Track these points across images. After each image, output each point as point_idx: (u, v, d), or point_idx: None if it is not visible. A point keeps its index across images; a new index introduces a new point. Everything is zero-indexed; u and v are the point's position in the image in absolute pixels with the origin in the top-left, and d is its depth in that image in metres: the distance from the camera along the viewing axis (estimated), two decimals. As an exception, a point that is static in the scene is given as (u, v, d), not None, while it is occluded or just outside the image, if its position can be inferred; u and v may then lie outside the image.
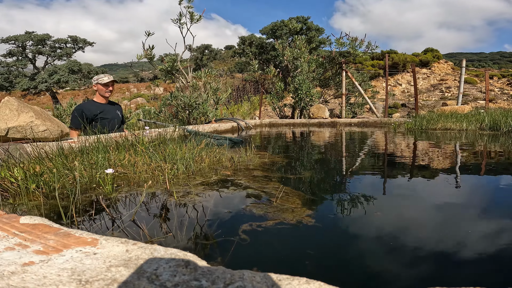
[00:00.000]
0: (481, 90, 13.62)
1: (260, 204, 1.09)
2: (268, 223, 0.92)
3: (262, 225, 0.91)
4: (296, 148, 2.99)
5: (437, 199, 1.21)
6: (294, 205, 1.07)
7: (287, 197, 1.17)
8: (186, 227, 0.90)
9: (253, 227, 0.89)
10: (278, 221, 0.92)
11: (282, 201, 1.11)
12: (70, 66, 24.61)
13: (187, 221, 0.95)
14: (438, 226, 0.93)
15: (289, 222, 0.92)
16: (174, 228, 0.89)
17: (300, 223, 0.91)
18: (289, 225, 0.90)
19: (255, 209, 1.04)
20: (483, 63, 58.96)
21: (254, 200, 1.15)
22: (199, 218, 0.98)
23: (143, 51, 6.27)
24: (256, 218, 0.96)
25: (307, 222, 0.92)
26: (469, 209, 1.10)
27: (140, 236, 0.83)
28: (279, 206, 1.06)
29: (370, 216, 1.00)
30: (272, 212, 1.01)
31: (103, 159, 1.56)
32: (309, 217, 0.96)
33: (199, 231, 0.88)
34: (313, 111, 7.45)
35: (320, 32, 24.12)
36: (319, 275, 0.52)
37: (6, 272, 0.47)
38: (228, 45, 47.86)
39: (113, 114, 3.14)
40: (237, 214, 1.01)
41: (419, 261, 0.71)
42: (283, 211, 1.01)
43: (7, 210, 0.95)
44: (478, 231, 0.89)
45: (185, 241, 0.81)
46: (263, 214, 0.99)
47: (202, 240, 0.82)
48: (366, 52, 7.68)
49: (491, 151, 2.50)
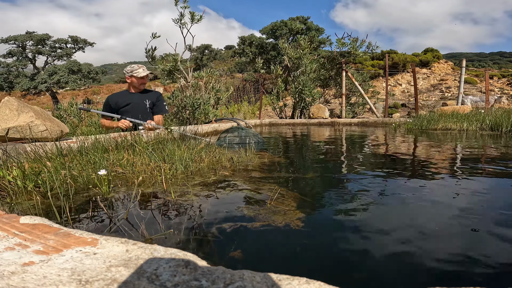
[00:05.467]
0: (481, 90, 13.62)
1: (253, 206, 1.08)
2: (255, 225, 0.90)
3: (248, 226, 0.89)
4: (296, 148, 2.99)
5: (440, 204, 1.21)
6: (288, 207, 1.06)
7: (282, 199, 1.15)
8: (178, 227, 0.91)
9: (237, 229, 0.88)
10: (266, 223, 0.91)
11: (277, 203, 1.10)
12: (70, 66, 24.62)
13: (182, 221, 0.95)
14: (438, 232, 0.93)
15: (277, 225, 0.90)
16: (166, 228, 0.89)
17: (287, 227, 0.89)
18: (275, 228, 0.88)
19: (246, 211, 1.02)
20: (483, 63, 58.94)
21: (248, 202, 1.13)
22: (191, 218, 0.98)
23: (146, 52, 6.28)
24: (245, 220, 0.95)
25: (295, 226, 0.90)
26: (475, 212, 1.10)
27: (139, 235, 0.83)
28: (272, 208, 1.04)
29: (365, 223, 0.95)
30: (263, 214, 0.99)
31: (102, 159, 1.56)
32: (299, 220, 0.94)
33: (184, 231, 0.88)
34: (313, 111, 7.46)
35: (320, 32, 24.16)
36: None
37: (6, 272, 0.47)
38: (228, 45, 47.84)
39: (137, 105, 3.05)
40: (227, 215, 1.00)
41: (414, 274, 0.71)
42: (275, 214, 0.99)
43: (6, 210, 0.95)
44: (479, 232, 0.89)
45: (175, 240, 0.81)
46: (254, 216, 0.97)
47: (180, 239, 0.82)
48: (367, 52, 7.69)
49: (495, 151, 2.50)
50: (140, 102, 3.09)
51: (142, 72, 2.99)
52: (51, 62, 26.04)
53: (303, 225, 0.91)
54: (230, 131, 2.98)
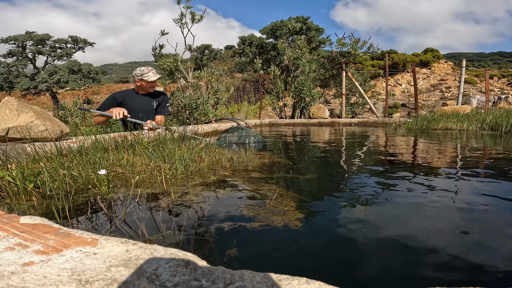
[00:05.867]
0: (481, 90, 13.62)
1: (253, 206, 1.08)
2: (254, 225, 0.90)
3: (247, 226, 0.89)
4: (296, 148, 2.99)
5: (440, 204, 1.20)
6: (287, 208, 1.05)
7: (282, 199, 1.15)
8: (178, 227, 0.91)
9: (236, 228, 0.88)
10: (265, 224, 0.91)
11: (276, 203, 1.10)
12: (70, 66, 24.63)
13: (182, 221, 0.95)
14: (437, 232, 0.93)
15: (275, 225, 0.90)
16: (166, 228, 0.89)
17: (286, 227, 0.89)
18: (274, 228, 0.88)
19: (246, 211, 1.02)
20: (483, 63, 58.96)
21: (248, 202, 1.13)
22: (191, 218, 0.98)
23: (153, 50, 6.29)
24: (244, 220, 0.95)
25: (293, 226, 0.90)
26: (477, 213, 1.10)
27: (138, 235, 0.83)
28: (271, 209, 1.04)
29: (364, 223, 0.95)
30: (262, 214, 0.99)
31: (101, 159, 1.56)
32: (298, 220, 0.94)
33: (184, 231, 0.88)
34: (313, 111, 7.46)
35: (320, 32, 24.17)
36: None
37: (6, 272, 0.47)
38: (228, 45, 47.88)
39: (143, 107, 3.04)
40: (227, 215, 1.00)
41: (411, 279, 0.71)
42: (274, 214, 0.99)
43: (6, 210, 0.95)
44: (479, 233, 0.89)
45: (175, 240, 0.81)
46: (253, 216, 0.97)
47: (180, 239, 0.82)
48: (367, 52, 7.70)
49: (497, 151, 2.50)
50: (147, 104, 3.09)
51: (153, 76, 2.96)
52: (51, 62, 26.05)
53: (302, 225, 0.91)
54: (230, 131, 2.98)
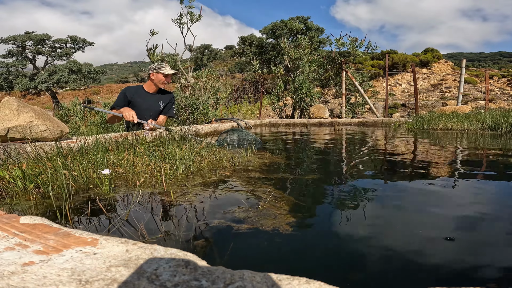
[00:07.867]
0: (481, 90, 13.63)
1: (245, 208, 1.07)
2: (242, 227, 0.89)
3: (234, 229, 0.88)
4: (296, 148, 2.99)
5: (439, 204, 1.20)
6: (280, 211, 1.04)
7: (275, 202, 1.14)
8: (178, 227, 0.91)
9: (221, 231, 0.87)
10: (253, 227, 0.90)
11: (269, 206, 1.09)
12: (70, 66, 24.62)
13: (181, 221, 0.95)
14: (437, 232, 0.93)
15: (264, 229, 0.89)
16: (166, 228, 0.89)
17: (275, 231, 0.87)
18: (261, 232, 0.87)
19: (237, 213, 1.02)
20: (483, 63, 58.96)
21: (241, 204, 1.12)
22: (191, 219, 0.98)
23: (147, 51, 6.28)
24: (234, 222, 0.94)
25: (283, 230, 0.88)
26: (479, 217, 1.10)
27: (138, 235, 0.83)
28: (264, 211, 1.03)
29: (357, 230, 0.91)
30: (253, 217, 0.98)
31: (102, 159, 1.56)
32: (288, 225, 0.92)
33: (183, 231, 0.88)
34: (313, 111, 7.46)
35: (320, 32, 24.19)
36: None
37: (6, 272, 0.47)
38: (228, 45, 47.88)
39: (151, 106, 3.07)
40: (227, 215, 1.00)
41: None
42: (265, 217, 0.98)
43: (6, 210, 0.95)
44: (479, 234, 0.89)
45: (175, 240, 0.81)
46: (243, 219, 0.97)
47: (180, 239, 0.82)
48: (366, 52, 7.70)
49: (499, 151, 2.50)
50: (155, 104, 3.11)
51: (170, 70, 3.04)
52: (51, 62, 26.04)
53: (292, 230, 0.89)
54: (229, 133, 2.99)
